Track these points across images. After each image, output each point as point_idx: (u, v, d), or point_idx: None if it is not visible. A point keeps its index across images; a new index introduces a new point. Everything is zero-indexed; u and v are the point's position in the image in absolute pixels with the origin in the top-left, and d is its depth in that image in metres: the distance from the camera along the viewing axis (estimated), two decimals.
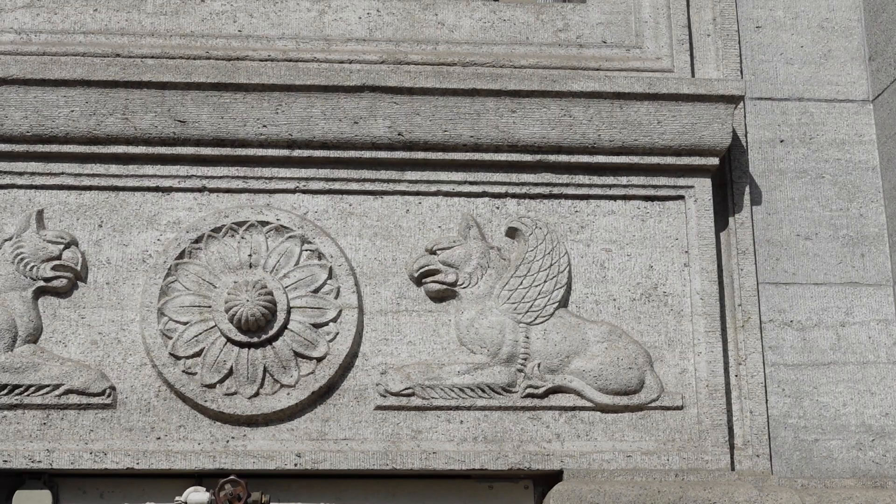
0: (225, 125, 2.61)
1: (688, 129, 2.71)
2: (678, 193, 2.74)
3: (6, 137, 2.58)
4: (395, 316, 2.62)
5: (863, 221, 2.84)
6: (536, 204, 2.72)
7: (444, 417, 2.57)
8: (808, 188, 2.85)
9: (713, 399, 2.62)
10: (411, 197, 2.69)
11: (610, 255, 2.70)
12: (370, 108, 2.65)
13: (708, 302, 2.67)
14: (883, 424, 2.70)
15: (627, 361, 2.60)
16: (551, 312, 2.63)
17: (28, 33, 2.72)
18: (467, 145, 2.68)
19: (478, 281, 2.63)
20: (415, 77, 2.67)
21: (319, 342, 2.56)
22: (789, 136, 2.88)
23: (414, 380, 2.57)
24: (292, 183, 2.66)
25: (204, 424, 2.52)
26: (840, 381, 2.72)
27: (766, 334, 2.73)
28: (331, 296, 2.58)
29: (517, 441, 2.57)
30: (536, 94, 2.69)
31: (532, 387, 2.58)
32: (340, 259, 2.61)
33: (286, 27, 2.79)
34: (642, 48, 2.85)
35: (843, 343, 2.75)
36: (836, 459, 2.67)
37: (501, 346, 2.59)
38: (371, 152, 2.67)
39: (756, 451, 2.63)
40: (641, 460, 2.57)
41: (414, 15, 2.84)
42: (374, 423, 2.56)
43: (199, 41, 2.71)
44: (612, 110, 2.70)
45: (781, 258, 2.79)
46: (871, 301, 2.78)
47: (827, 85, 2.92)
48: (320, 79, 2.65)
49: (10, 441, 2.49)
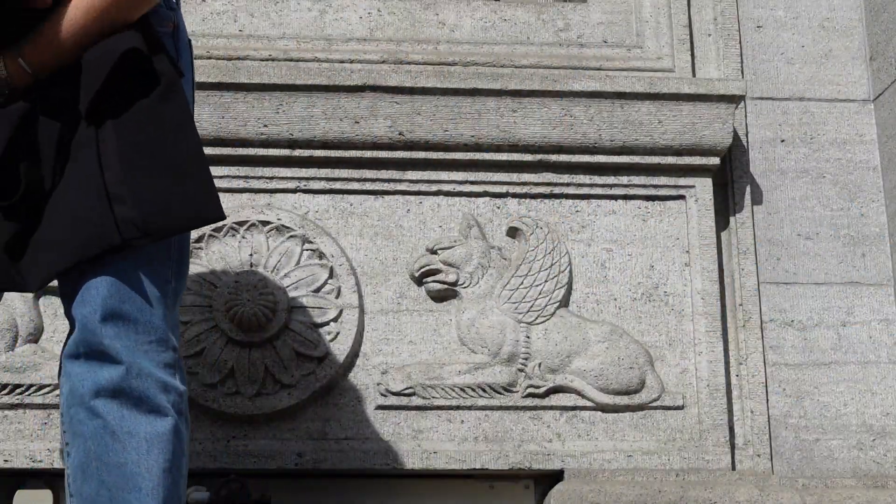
0: (226, 125, 2.61)
1: (689, 128, 2.71)
2: (679, 193, 2.74)
3: None
4: (396, 315, 2.63)
5: (864, 221, 2.84)
6: (537, 204, 2.72)
7: (445, 417, 2.57)
8: (808, 188, 2.85)
9: (714, 399, 2.62)
10: (412, 197, 2.70)
11: (611, 255, 2.70)
12: (371, 107, 2.66)
13: (709, 302, 2.67)
14: (884, 424, 2.70)
15: (628, 361, 2.60)
16: (552, 312, 2.63)
17: None
18: (468, 145, 2.68)
19: (479, 281, 2.63)
20: (416, 77, 2.67)
21: (320, 342, 2.56)
22: (790, 136, 2.88)
23: (415, 379, 2.57)
24: (293, 182, 2.66)
25: (205, 424, 2.52)
26: (841, 381, 2.72)
27: (767, 334, 2.73)
28: (332, 295, 2.58)
29: (518, 441, 2.57)
30: (537, 94, 2.69)
31: (533, 386, 2.58)
32: (341, 259, 2.61)
33: (287, 27, 2.79)
34: (643, 48, 2.85)
35: (844, 343, 2.75)
36: (836, 459, 2.67)
37: (502, 345, 2.59)
38: (372, 152, 2.67)
39: (757, 450, 2.64)
40: (642, 460, 2.57)
41: (415, 14, 2.84)
42: (374, 422, 2.56)
43: (199, 41, 2.71)
44: (613, 110, 2.70)
45: (782, 258, 2.79)
46: (873, 301, 2.78)
47: (828, 85, 2.92)
48: (321, 78, 2.65)
49: (10, 441, 2.49)
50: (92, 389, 1.69)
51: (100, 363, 1.69)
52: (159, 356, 1.72)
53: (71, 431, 1.71)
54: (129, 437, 1.68)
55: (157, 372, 1.71)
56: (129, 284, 1.72)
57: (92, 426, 1.68)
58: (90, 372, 1.69)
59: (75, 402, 1.70)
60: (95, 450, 1.68)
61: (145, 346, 1.71)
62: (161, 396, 1.71)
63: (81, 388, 1.69)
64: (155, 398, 1.70)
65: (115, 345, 1.69)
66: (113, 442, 1.67)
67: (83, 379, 1.70)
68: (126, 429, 1.68)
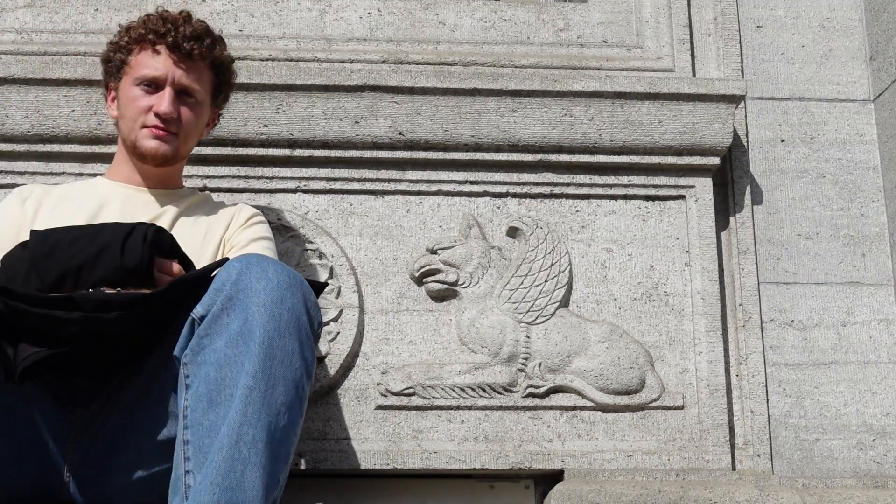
0: (226, 125, 2.61)
1: (689, 128, 2.71)
2: (679, 193, 2.74)
3: (7, 137, 2.58)
4: (396, 315, 2.63)
5: (864, 221, 2.84)
6: (537, 203, 2.72)
7: (445, 417, 2.57)
8: (809, 188, 2.85)
9: (714, 399, 2.62)
10: (412, 196, 2.70)
11: (611, 255, 2.70)
12: (371, 107, 2.66)
13: (709, 302, 2.67)
14: (884, 424, 2.70)
15: (628, 361, 2.60)
16: (552, 312, 2.63)
17: (29, 33, 2.72)
18: (468, 145, 2.69)
19: (479, 280, 2.63)
20: (416, 77, 2.67)
21: (321, 342, 2.55)
22: (790, 136, 2.88)
23: (415, 379, 2.57)
24: (293, 182, 2.67)
25: None
26: (841, 381, 2.72)
27: (767, 334, 2.73)
28: (332, 295, 2.58)
29: (518, 441, 2.57)
30: (537, 94, 2.69)
31: (533, 386, 2.58)
32: (341, 259, 2.61)
33: (287, 27, 2.79)
34: (643, 48, 2.85)
35: (844, 343, 2.75)
36: (836, 459, 2.67)
37: (502, 345, 2.59)
38: (372, 152, 2.67)
39: (757, 450, 2.64)
40: (642, 460, 2.57)
41: (415, 14, 2.84)
42: (374, 422, 2.56)
43: None
44: (613, 110, 2.70)
45: (782, 258, 2.79)
46: (873, 301, 2.78)
47: (828, 84, 2.92)
48: (321, 78, 2.65)
49: None
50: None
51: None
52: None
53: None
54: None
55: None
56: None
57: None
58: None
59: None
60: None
61: None
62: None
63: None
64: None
65: None
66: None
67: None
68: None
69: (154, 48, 2.24)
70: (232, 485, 1.67)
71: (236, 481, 1.67)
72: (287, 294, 1.79)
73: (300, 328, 1.79)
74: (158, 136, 2.23)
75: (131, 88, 2.25)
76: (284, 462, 1.76)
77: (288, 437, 1.76)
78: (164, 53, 2.24)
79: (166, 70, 2.23)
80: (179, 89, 2.25)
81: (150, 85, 2.24)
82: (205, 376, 1.75)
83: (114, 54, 2.29)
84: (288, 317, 1.78)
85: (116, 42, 2.29)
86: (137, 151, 2.25)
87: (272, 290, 1.78)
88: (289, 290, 1.79)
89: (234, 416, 1.71)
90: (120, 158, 2.33)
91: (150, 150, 2.23)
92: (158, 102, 2.22)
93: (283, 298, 1.78)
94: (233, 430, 1.70)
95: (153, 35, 2.24)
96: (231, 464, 1.68)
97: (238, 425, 1.70)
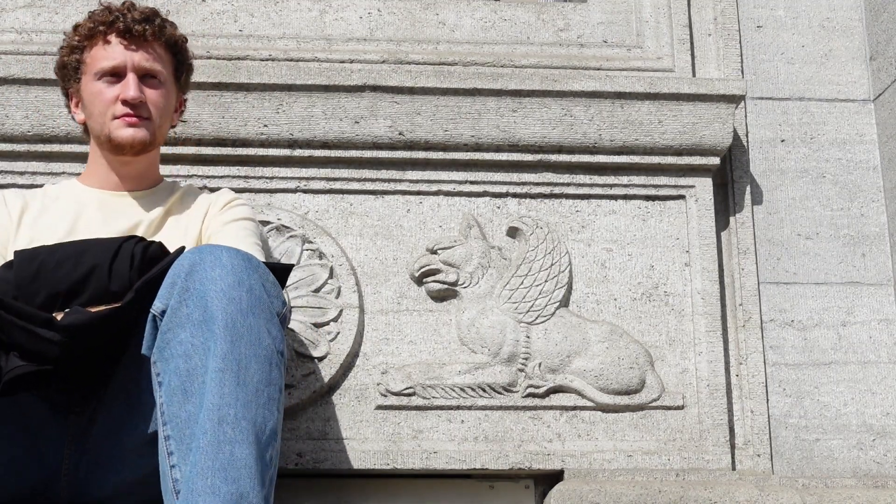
0: (226, 125, 2.61)
1: (689, 128, 2.71)
2: (679, 193, 2.74)
3: (7, 137, 2.58)
4: (396, 315, 2.63)
5: (864, 221, 2.84)
6: (537, 203, 2.72)
7: (445, 417, 2.57)
8: (809, 188, 2.85)
9: (714, 399, 2.62)
10: (412, 196, 2.70)
11: (611, 255, 2.70)
12: (371, 107, 2.66)
13: (709, 301, 2.67)
14: (884, 424, 2.70)
15: (628, 361, 2.60)
16: (552, 312, 2.63)
17: (29, 33, 2.72)
18: (468, 145, 2.68)
19: (479, 280, 2.63)
20: (416, 77, 2.67)
21: (320, 342, 2.56)
22: (790, 136, 2.88)
23: (415, 379, 2.57)
24: (293, 182, 2.66)
25: None
26: (841, 381, 2.72)
27: (767, 334, 2.73)
28: (332, 295, 2.58)
29: (518, 441, 2.57)
30: (537, 94, 2.69)
31: (533, 386, 2.58)
32: (341, 259, 2.61)
33: (287, 27, 2.79)
34: (643, 48, 2.85)
35: (844, 343, 2.75)
36: (836, 459, 2.67)
37: (502, 345, 2.59)
38: (372, 152, 2.67)
39: (757, 450, 2.64)
40: (642, 460, 2.57)
41: (415, 14, 2.84)
42: (374, 422, 2.56)
43: (199, 41, 2.71)
44: (613, 110, 2.70)
45: (782, 258, 2.79)
46: (873, 301, 2.78)
47: (828, 84, 2.92)
48: (321, 78, 2.65)
49: None
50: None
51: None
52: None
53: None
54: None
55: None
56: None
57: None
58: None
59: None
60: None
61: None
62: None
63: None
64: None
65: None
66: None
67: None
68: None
69: (105, 39, 2.20)
70: (223, 464, 1.65)
71: (227, 460, 1.65)
72: (244, 276, 1.77)
73: (262, 307, 1.77)
74: (132, 124, 2.19)
75: (93, 84, 2.21)
76: (272, 439, 1.74)
77: (271, 413, 1.74)
78: (117, 41, 2.20)
79: (123, 57, 2.20)
80: (142, 73, 2.21)
81: (111, 76, 2.20)
82: (175, 369, 1.74)
83: (68, 57, 2.25)
84: (248, 297, 1.76)
85: (68, 44, 2.26)
86: (113, 143, 2.21)
87: (227, 275, 1.76)
88: (245, 273, 1.78)
89: (212, 400, 1.69)
90: (94, 162, 2.29)
91: (127, 139, 2.19)
92: (124, 90, 2.18)
93: (241, 281, 1.77)
94: (212, 413, 1.68)
95: (103, 26, 2.21)
96: (217, 445, 1.66)
97: (217, 408, 1.68)
